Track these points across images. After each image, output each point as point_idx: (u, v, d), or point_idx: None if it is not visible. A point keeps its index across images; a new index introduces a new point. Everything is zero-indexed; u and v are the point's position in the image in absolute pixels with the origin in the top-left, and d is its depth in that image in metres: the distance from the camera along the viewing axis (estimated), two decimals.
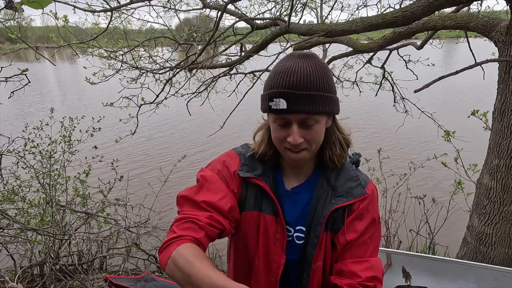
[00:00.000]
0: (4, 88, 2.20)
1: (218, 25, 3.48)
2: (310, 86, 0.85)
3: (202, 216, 0.91)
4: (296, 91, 0.85)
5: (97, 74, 4.05)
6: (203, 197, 0.94)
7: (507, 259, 2.78)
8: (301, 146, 0.91)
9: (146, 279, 3.12)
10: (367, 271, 0.96)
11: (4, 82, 1.98)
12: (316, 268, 1.01)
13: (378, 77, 5.52)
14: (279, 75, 0.87)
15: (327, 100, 0.89)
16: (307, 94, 0.85)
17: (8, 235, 3.23)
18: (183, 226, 0.89)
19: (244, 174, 0.99)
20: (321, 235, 0.99)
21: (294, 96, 0.85)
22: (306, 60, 0.88)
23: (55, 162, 3.97)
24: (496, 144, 2.69)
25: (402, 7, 2.96)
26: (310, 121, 0.89)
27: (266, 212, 1.00)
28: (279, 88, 0.86)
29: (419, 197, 4.05)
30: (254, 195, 1.01)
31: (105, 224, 3.96)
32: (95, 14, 3.39)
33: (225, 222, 0.94)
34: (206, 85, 4.58)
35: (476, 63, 2.77)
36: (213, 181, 0.98)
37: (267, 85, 0.91)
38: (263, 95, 0.92)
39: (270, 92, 0.88)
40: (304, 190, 1.03)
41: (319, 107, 0.87)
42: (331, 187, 1.00)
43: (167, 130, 10.92)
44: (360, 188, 1.00)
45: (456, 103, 11.89)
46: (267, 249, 1.01)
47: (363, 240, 0.98)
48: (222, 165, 1.02)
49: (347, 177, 1.01)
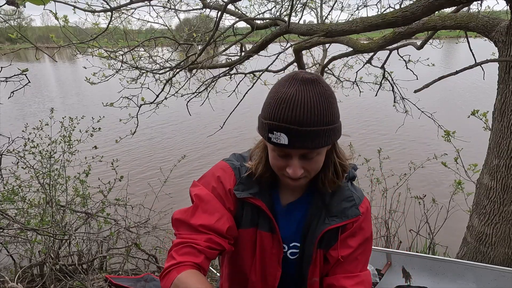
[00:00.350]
0: (4, 88, 2.20)
1: (218, 25, 3.48)
2: (314, 121, 0.79)
3: (201, 240, 0.89)
4: (298, 127, 0.78)
5: (97, 74, 4.05)
6: (200, 220, 0.92)
7: (507, 259, 2.78)
8: (301, 175, 0.88)
9: (146, 279, 3.12)
10: (357, 286, 0.97)
11: (4, 82, 1.98)
12: (312, 284, 1.03)
13: (378, 77, 5.53)
14: (280, 105, 0.79)
15: (330, 133, 0.83)
16: (310, 130, 0.79)
17: (8, 235, 3.23)
18: (182, 252, 0.88)
19: (241, 195, 0.96)
20: (315, 252, 0.99)
21: (297, 132, 0.79)
22: (310, 87, 0.80)
23: (55, 162, 3.97)
24: (496, 144, 2.69)
25: (402, 7, 2.96)
26: (311, 155, 0.85)
27: (262, 229, 0.99)
28: (280, 122, 0.79)
29: (419, 197, 4.05)
30: (251, 213, 0.99)
31: (105, 224, 3.96)
32: (95, 14, 3.39)
33: (224, 243, 0.93)
34: (206, 85, 4.58)
35: (476, 63, 2.77)
36: (209, 200, 0.95)
37: (266, 113, 0.83)
38: (263, 123, 0.84)
39: (270, 124, 0.81)
40: (299, 207, 1.02)
41: (322, 141, 0.82)
42: (325, 207, 0.98)
43: (167, 130, 10.93)
44: (355, 209, 0.97)
45: (456, 103, 11.90)
46: (263, 263, 1.02)
47: (354, 256, 1.00)
48: (216, 181, 0.98)
49: (341, 198, 0.98)
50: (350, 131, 9.95)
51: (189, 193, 1.01)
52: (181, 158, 4.87)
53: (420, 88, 2.74)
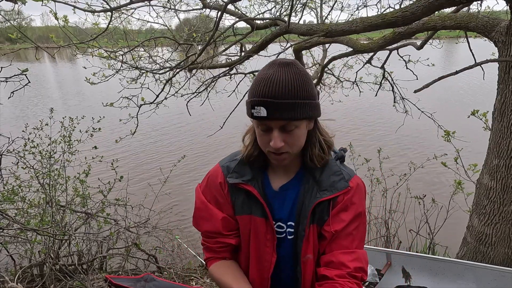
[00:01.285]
0: (4, 88, 2.20)
1: (218, 25, 3.48)
2: (289, 95, 0.90)
3: (211, 243, 1.13)
4: (274, 100, 0.89)
5: (97, 74, 4.05)
6: (203, 227, 1.13)
7: (507, 259, 2.78)
8: (282, 150, 0.96)
9: (146, 279, 3.11)
10: (355, 262, 1.00)
11: (4, 82, 1.98)
12: (306, 261, 1.06)
13: (378, 77, 5.53)
14: (260, 84, 0.92)
15: (306, 107, 0.93)
16: (285, 102, 0.90)
17: (8, 235, 3.23)
18: (207, 252, 1.15)
19: (233, 181, 1.06)
20: (308, 228, 1.03)
21: (273, 105, 0.90)
22: (287, 68, 0.92)
23: (55, 162, 3.97)
24: (496, 144, 2.69)
25: (402, 7, 2.96)
26: (289, 127, 0.94)
27: (256, 214, 1.06)
28: (259, 97, 0.91)
29: (419, 197, 4.05)
30: (242, 199, 1.08)
31: (105, 224, 3.95)
32: (95, 14, 3.39)
33: (227, 240, 1.11)
34: (206, 85, 4.58)
35: (476, 63, 2.77)
36: (204, 208, 1.12)
37: (250, 92, 0.96)
38: (247, 102, 0.97)
39: (252, 100, 0.93)
40: (293, 187, 1.08)
41: (297, 114, 0.92)
42: (316, 182, 1.04)
43: (167, 130, 10.93)
44: (343, 182, 1.03)
45: (456, 103, 11.89)
46: (258, 249, 1.08)
47: (349, 231, 1.02)
48: (209, 181, 1.14)
49: (330, 172, 1.05)
50: (350, 131, 9.95)
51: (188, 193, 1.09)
52: (181, 158, 4.87)
53: (420, 88, 2.74)
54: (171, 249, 4.39)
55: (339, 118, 10.85)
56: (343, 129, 10.07)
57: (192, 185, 6.68)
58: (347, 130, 10.04)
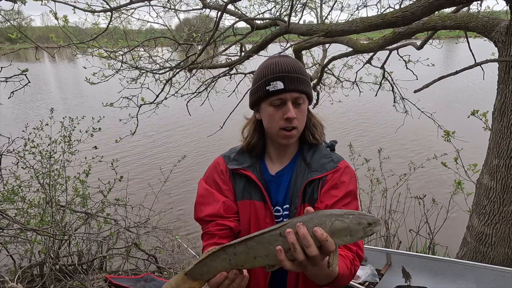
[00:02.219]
0: (4, 88, 2.20)
1: (218, 25, 3.48)
2: (299, 72, 1.07)
3: (211, 226, 1.13)
4: (289, 74, 1.05)
5: (97, 74, 4.05)
6: (203, 212, 1.15)
7: (507, 259, 2.78)
8: (294, 123, 1.07)
9: (146, 279, 3.12)
10: None
11: (4, 82, 1.98)
12: None
13: (378, 77, 5.53)
14: (270, 67, 1.07)
15: (309, 85, 1.11)
16: (298, 77, 1.06)
17: (8, 235, 3.22)
18: (205, 239, 1.16)
19: (233, 167, 1.16)
20: (299, 207, 1.09)
21: (289, 78, 1.04)
22: (286, 57, 1.10)
23: (55, 162, 3.97)
24: (496, 144, 2.69)
25: (402, 7, 2.96)
26: (300, 100, 1.07)
27: (255, 199, 1.14)
28: (275, 73, 1.05)
29: (419, 197, 4.05)
30: (243, 185, 1.15)
31: (105, 224, 3.95)
32: (95, 14, 3.39)
33: (227, 222, 1.13)
34: (206, 85, 4.58)
35: (476, 63, 2.77)
36: (206, 194, 1.17)
37: (259, 76, 1.09)
38: (257, 86, 1.09)
39: (267, 79, 1.06)
40: (287, 172, 1.16)
41: (306, 88, 1.08)
42: (307, 165, 1.13)
43: (167, 130, 10.93)
44: (332, 163, 1.12)
45: (456, 103, 11.89)
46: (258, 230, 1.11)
47: (339, 207, 1.06)
48: (212, 170, 1.21)
49: (320, 156, 1.15)
50: (350, 131, 9.95)
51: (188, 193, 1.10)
52: (181, 158, 4.87)
53: (420, 88, 2.74)
54: (171, 249, 4.39)
55: (339, 118, 10.85)
56: (343, 129, 10.07)
57: (192, 185, 6.68)
58: (347, 130, 10.04)
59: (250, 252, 0.79)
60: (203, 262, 0.83)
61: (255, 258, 0.79)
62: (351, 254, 1.01)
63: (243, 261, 0.81)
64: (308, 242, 0.72)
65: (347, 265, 0.97)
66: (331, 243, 0.72)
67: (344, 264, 0.96)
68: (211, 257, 0.82)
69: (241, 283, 0.83)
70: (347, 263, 0.97)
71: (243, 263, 0.81)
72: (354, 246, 1.02)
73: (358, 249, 1.03)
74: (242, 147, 1.20)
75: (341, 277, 0.93)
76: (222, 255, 0.81)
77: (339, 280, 0.94)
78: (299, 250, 0.73)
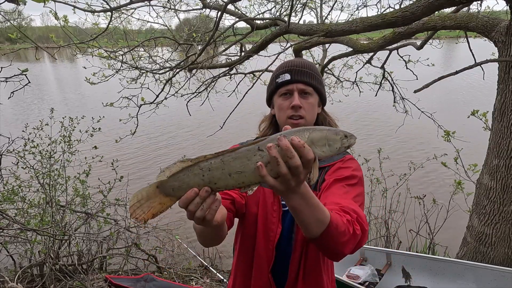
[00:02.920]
0: (4, 88, 2.20)
1: (218, 25, 3.48)
2: (307, 67, 1.18)
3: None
4: (296, 68, 1.17)
5: (97, 74, 4.05)
6: None
7: (507, 259, 2.78)
8: (300, 113, 1.14)
9: (146, 279, 3.12)
10: (349, 204, 1.00)
11: (4, 82, 1.98)
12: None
13: (378, 77, 5.53)
14: (281, 64, 1.21)
15: (318, 81, 1.19)
16: (304, 70, 1.17)
17: (8, 235, 3.23)
18: None
19: None
20: None
21: (295, 71, 1.16)
22: (301, 58, 1.24)
23: (55, 162, 3.96)
24: (496, 144, 2.69)
25: (402, 7, 2.96)
26: (307, 91, 1.16)
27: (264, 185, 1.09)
28: (283, 68, 1.19)
29: (419, 197, 4.05)
30: None
31: (105, 224, 3.95)
32: (95, 14, 3.39)
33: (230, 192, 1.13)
34: (206, 85, 4.58)
35: (476, 63, 2.77)
36: None
37: (273, 74, 1.23)
38: (270, 81, 1.23)
39: (277, 73, 1.19)
40: None
41: (313, 81, 1.17)
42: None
43: (167, 130, 10.92)
44: (340, 155, 1.17)
45: (456, 103, 11.89)
46: (265, 219, 1.16)
47: (343, 185, 1.08)
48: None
49: None
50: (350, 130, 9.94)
51: None
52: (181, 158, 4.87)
53: (420, 88, 2.74)
54: (171, 249, 4.38)
55: (339, 118, 10.84)
56: (343, 129, 10.05)
57: None
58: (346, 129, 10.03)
59: (226, 168, 0.75)
60: (175, 176, 0.77)
61: (230, 175, 0.75)
62: (349, 216, 0.95)
63: (217, 178, 0.76)
64: (291, 153, 0.70)
65: (343, 220, 0.91)
66: (309, 150, 0.72)
67: (339, 217, 0.91)
68: (184, 171, 0.77)
69: (212, 205, 0.77)
70: (343, 219, 0.92)
71: (217, 180, 0.76)
72: (354, 213, 0.97)
73: (359, 217, 0.98)
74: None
75: (334, 226, 0.87)
76: (196, 170, 0.76)
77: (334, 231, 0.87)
78: (282, 163, 0.71)
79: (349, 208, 0.98)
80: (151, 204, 0.80)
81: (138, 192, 0.80)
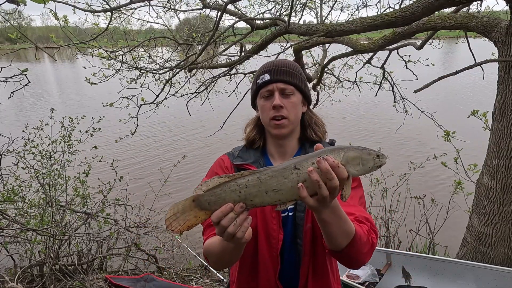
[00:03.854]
0: (4, 88, 2.20)
1: (218, 25, 3.48)
2: (288, 66, 1.16)
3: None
4: (276, 67, 1.15)
5: (97, 74, 4.05)
6: None
7: (507, 259, 2.78)
8: (282, 113, 1.11)
9: (146, 279, 3.12)
10: (360, 212, 1.04)
11: (4, 82, 1.98)
12: (307, 230, 1.11)
13: (378, 77, 5.52)
14: (262, 65, 1.19)
15: (300, 80, 1.16)
16: (284, 69, 1.14)
17: (8, 235, 3.22)
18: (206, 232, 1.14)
19: (238, 162, 1.19)
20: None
21: (275, 70, 1.14)
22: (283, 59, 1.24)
23: (55, 162, 3.96)
24: (496, 144, 2.69)
25: (402, 7, 2.96)
26: (288, 90, 1.13)
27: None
28: (263, 69, 1.16)
29: (419, 197, 4.05)
30: None
31: (105, 224, 3.95)
32: (95, 14, 3.39)
33: None
34: (206, 85, 4.58)
35: (476, 63, 2.77)
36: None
37: (254, 77, 1.20)
38: (252, 85, 1.20)
39: (257, 75, 1.17)
40: None
41: (294, 79, 1.14)
42: None
43: (167, 130, 10.92)
44: None
45: (456, 103, 11.89)
46: (266, 227, 1.14)
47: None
48: (215, 167, 1.23)
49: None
50: (350, 131, 9.95)
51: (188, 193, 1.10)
52: (181, 159, 4.87)
53: (420, 88, 2.74)
54: (171, 249, 4.38)
55: (339, 118, 10.85)
56: (343, 129, 10.06)
57: (192, 185, 6.67)
58: (347, 130, 10.04)
59: (262, 186, 0.77)
60: (212, 191, 0.80)
61: (267, 192, 0.78)
62: (366, 227, 1.01)
63: (253, 195, 0.78)
64: (331, 175, 0.72)
65: (364, 231, 0.96)
66: (343, 169, 0.74)
67: (361, 228, 0.95)
68: (221, 186, 0.80)
69: (244, 222, 0.79)
70: (363, 230, 0.96)
71: (253, 197, 0.79)
72: (367, 222, 1.01)
73: (372, 225, 1.02)
74: (245, 142, 1.25)
75: (358, 238, 0.91)
76: (233, 186, 0.79)
77: (358, 242, 0.92)
78: (323, 186, 0.73)
79: (362, 217, 1.01)
80: (187, 217, 0.84)
81: (175, 205, 0.84)
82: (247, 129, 1.26)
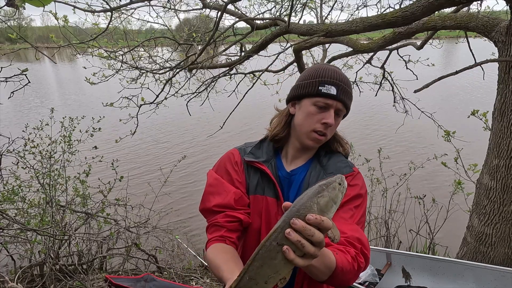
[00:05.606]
0: (4, 88, 2.20)
1: (218, 25, 3.48)
2: (349, 86, 1.13)
3: (219, 217, 1.10)
4: (344, 85, 1.10)
5: (97, 74, 4.05)
6: (212, 202, 1.12)
7: (507, 259, 2.78)
8: (327, 131, 1.10)
9: (146, 279, 3.12)
10: (353, 232, 1.00)
11: (4, 82, 1.98)
12: None
13: (378, 77, 5.52)
14: (327, 71, 1.11)
15: (351, 101, 1.15)
16: (348, 90, 1.12)
17: (8, 235, 3.22)
18: (210, 231, 1.11)
19: (249, 159, 1.16)
20: None
21: (342, 89, 1.10)
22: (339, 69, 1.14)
23: (55, 162, 3.96)
24: (496, 144, 2.69)
25: (402, 7, 2.96)
26: (341, 113, 1.13)
27: (268, 194, 1.13)
28: (331, 78, 1.09)
29: (419, 197, 4.05)
30: (257, 179, 1.15)
31: (105, 224, 3.95)
32: (95, 14, 3.39)
33: (237, 214, 1.10)
34: (206, 85, 4.58)
35: (476, 63, 2.77)
36: (216, 184, 1.15)
37: (313, 75, 1.11)
38: (309, 82, 1.11)
39: (323, 80, 1.09)
40: (300, 172, 1.17)
41: (350, 103, 1.13)
42: (323, 167, 1.15)
43: (167, 130, 10.93)
44: (348, 168, 1.15)
45: (456, 103, 11.89)
46: (269, 228, 1.09)
47: (350, 207, 1.07)
48: (225, 160, 1.19)
49: (337, 160, 1.17)
50: (349, 131, 9.95)
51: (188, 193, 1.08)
52: (181, 159, 4.87)
53: (420, 88, 2.74)
54: (171, 249, 4.39)
55: None
56: (343, 129, 10.06)
57: (192, 185, 6.69)
58: (346, 130, 10.03)
59: (258, 280, 0.73)
60: None
61: (267, 282, 0.73)
62: (354, 250, 0.98)
63: None
64: (310, 230, 0.70)
65: (347, 259, 0.94)
66: (327, 221, 0.71)
67: (344, 258, 0.93)
68: None
69: None
70: (347, 258, 0.94)
71: None
72: (358, 244, 0.99)
73: (363, 247, 1.00)
74: (262, 139, 1.22)
75: (340, 270, 0.89)
76: None
77: (340, 273, 0.90)
78: (306, 244, 0.71)
79: (354, 237, 0.99)
80: None
81: None
82: (275, 123, 1.21)
